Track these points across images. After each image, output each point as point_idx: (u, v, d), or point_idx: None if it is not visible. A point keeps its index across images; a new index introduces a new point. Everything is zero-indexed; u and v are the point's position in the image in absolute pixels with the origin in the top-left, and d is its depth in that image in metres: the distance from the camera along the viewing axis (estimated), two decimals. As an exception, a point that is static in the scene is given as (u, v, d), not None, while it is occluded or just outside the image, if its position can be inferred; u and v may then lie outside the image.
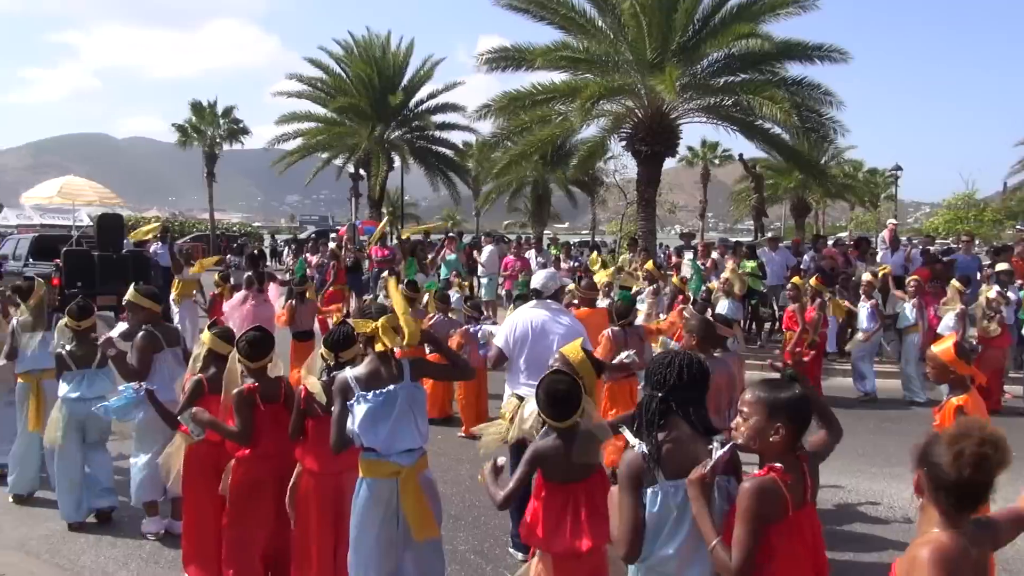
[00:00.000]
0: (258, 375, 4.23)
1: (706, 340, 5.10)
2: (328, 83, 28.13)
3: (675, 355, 2.81)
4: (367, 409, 3.62)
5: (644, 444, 2.66)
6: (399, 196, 36.58)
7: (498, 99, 16.46)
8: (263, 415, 4.15)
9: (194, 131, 34.55)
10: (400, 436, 3.69)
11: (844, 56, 15.40)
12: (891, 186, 51.64)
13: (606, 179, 31.88)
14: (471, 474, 6.84)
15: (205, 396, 4.44)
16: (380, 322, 3.67)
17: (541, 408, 3.36)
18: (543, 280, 5.73)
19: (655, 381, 2.76)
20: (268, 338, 4.28)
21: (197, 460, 4.47)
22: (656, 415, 2.70)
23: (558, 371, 3.47)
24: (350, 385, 3.67)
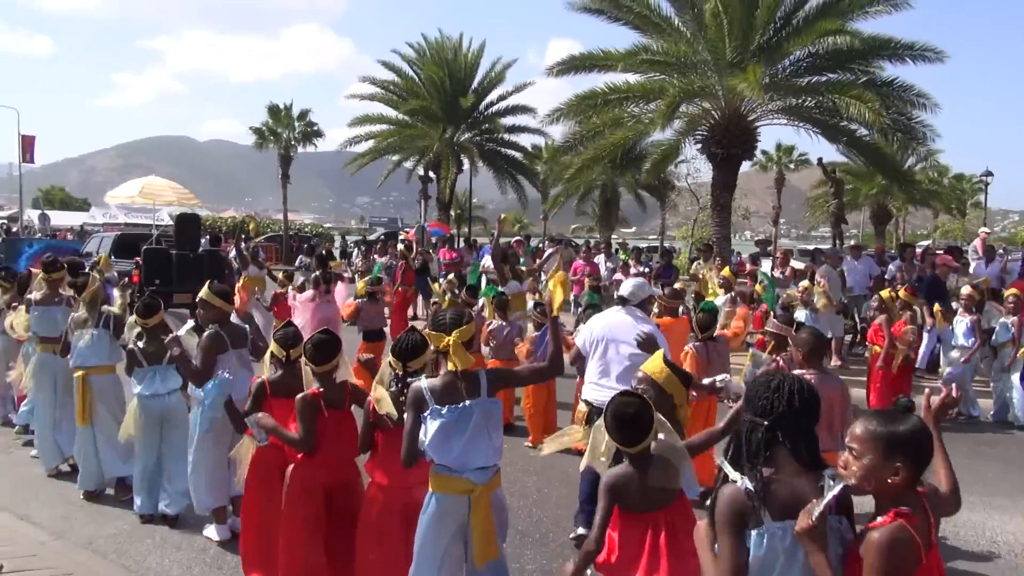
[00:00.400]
0: (323, 379, 4.08)
1: (814, 354, 4.77)
2: (400, 86, 28.39)
3: (783, 378, 2.48)
4: (440, 424, 3.44)
5: (748, 480, 2.35)
6: (467, 198, 36.64)
7: (570, 101, 16.18)
8: (327, 421, 4.01)
9: (271, 133, 35.41)
10: (474, 453, 3.50)
11: (939, 55, 14.56)
12: (978, 193, 49.38)
13: (677, 183, 31.28)
14: (538, 487, 6.62)
15: (268, 399, 4.34)
16: (452, 338, 3.47)
17: (610, 433, 3.13)
18: (632, 288, 5.66)
19: (760, 407, 2.41)
20: (334, 341, 4.14)
21: (263, 463, 4.36)
22: (762, 447, 2.38)
23: (627, 392, 3.23)
24: (424, 397, 3.48)
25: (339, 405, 4.09)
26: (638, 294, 5.61)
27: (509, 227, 12.61)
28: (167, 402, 5.47)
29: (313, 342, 4.08)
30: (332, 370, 4.12)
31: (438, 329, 3.54)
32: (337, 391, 4.12)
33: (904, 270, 13.77)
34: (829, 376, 4.73)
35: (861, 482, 2.21)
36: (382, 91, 28.56)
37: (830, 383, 4.68)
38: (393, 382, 3.78)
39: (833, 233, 26.97)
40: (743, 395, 2.57)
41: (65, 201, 72.57)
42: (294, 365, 4.39)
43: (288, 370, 4.41)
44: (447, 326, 3.52)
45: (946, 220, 49.60)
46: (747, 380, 4.66)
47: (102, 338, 5.96)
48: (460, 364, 3.45)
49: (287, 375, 4.40)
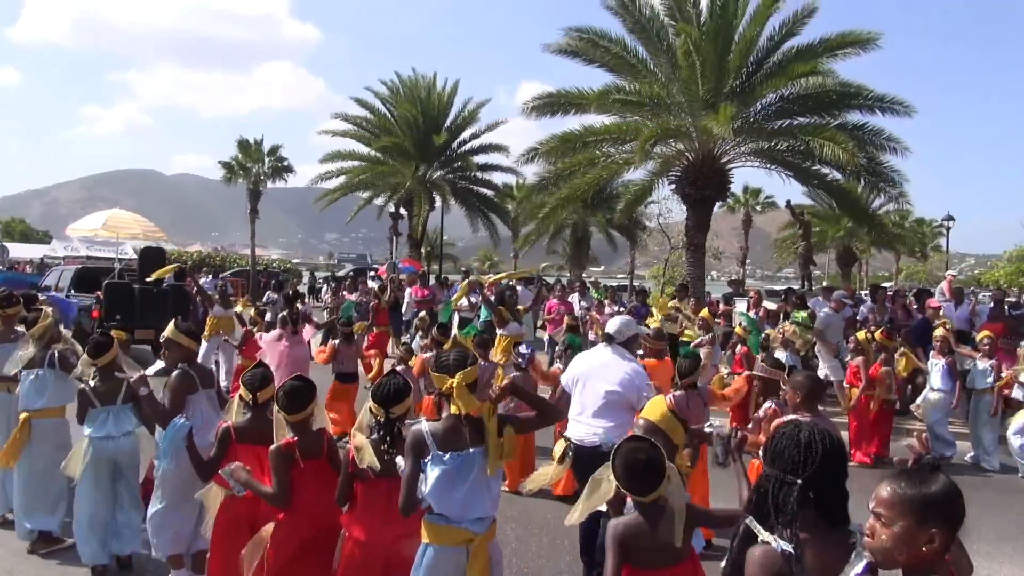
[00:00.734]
0: (298, 428, 3.83)
1: (810, 398, 4.65)
2: (373, 122, 28.35)
3: (810, 431, 2.30)
4: (442, 471, 3.23)
5: (783, 542, 2.17)
6: (438, 236, 36.50)
7: (546, 142, 16.22)
8: (303, 473, 3.75)
9: (240, 168, 34.98)
10: (475, 502, 3.30)
11: (907, 109, 14.82)
12: (939, 236, 50.50)
13: (648, 223, 31.49)
14: (517, 535, 6.36)
15: (233, 445, 4.07)
16: (456, 380, 3.26)
17: (620, 481, 2.94)
18: (618, 325, 5.54)
19: (790, 464, 2.24)
20: (308, 388, 3.89)
21: (231, 514, 4.07)
22: (794, 506, 2.20)
23: (637, 437, 3.05)
24: (425, 442, 3.27)
25: (316, 455, 3.84)
26: (624, 332, 5.49)
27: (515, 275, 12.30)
28: (120, 445, 5.12)
29: (286, 389, 3.83)
30: (307, 418, 3.87)
31: (441, 370, 3.33)
32: (313, 440, 3.86)
33: (876, 311, 13.83)
34: (825, 420, 4.59)
35: (892, 552, 2.00)
36: (355, 127, 28.48)
37: (826, 427, 4.54)
38: (375, 429, 3.55)
39: (802, 274, 27.27)
40: (763, 449, 2.39)
41: (25, 233, 70.99)
42: (263, 409, 4.14)
43: (256, 414, 4.15)
44: (450, 368, 3.31)
45: (910, 263, 50.52)
46: (718, 459, 4.47)
47: (46, 378, 5.56)
48: (464, 408, 3.25)
49: (255, 419, 4.14)
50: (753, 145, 15.63)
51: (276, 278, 32.95)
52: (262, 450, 3.98)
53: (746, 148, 15.72)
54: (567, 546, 6.06)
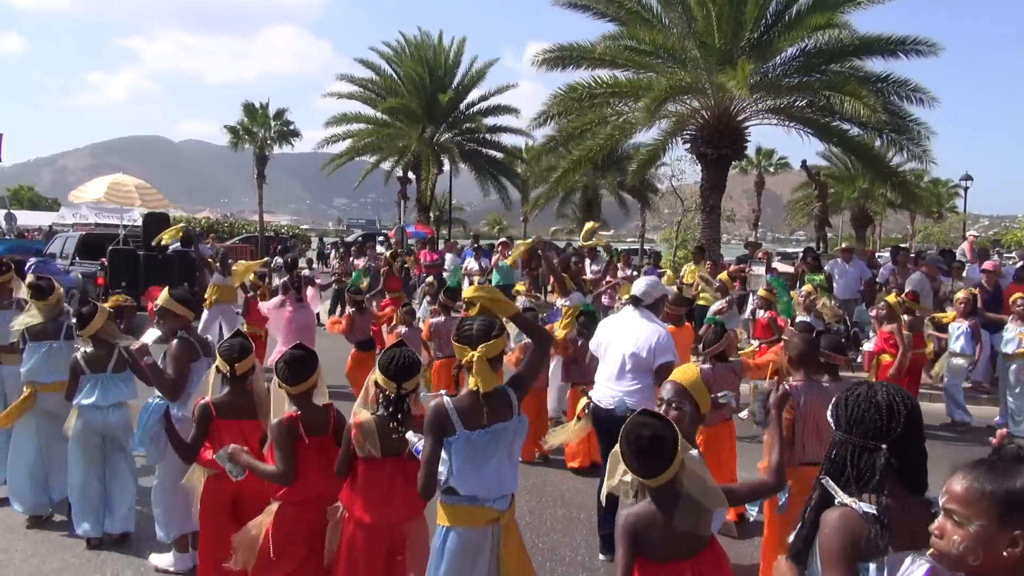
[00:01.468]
0: (301, 402, 3.54)
1: (804, 360, 4.34)
2: (378, 84, 27.75)
3: (887, 392, 2.16)
4: (472, 450, 2.99)
5: (864, 504, 2.03)
6: (446, 200, 36.08)
7: (556, 96, 15.71)
8: (307, 449, 3.47)
9: (246, 133, 34.70)
10: (502, 480, 3.08)
11: (933, 48, 14.20)
12: (954, 197, 49.63)
13: (660, 185, 30.94)
14: (531, 507, 6.12)
15: (214, 421, 3.81)
16: (478, 353, 2.97)
17: (625, 461, 2.58)
18: (645, 287, 5.28)
19: (873, 429, 2.11)
20: (310, 357, 3.60)
21: (214, 494, 3.83)
22: (878, 472, 2.08)
23: (645, 412, 2.66)
24: (450, 419, 2.99)
25: (321, 431, 3.55)
26: (652, 293, 5.24)
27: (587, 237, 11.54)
28: (108, 417, 4.85)
29: (286, 359, 3.54)
30: (310, 390, 3.59)
31: (462, 340, 3.05)
32: (318, 415, 3.58)
33: (897, 274, 13.44)
34: (818, 385, 4.33)
35: (965, 556, 1.72)
36: (360, 89, 27.91)
37: (817, 391, 4.27)
38: (382, 405, 3.27)
39: (817, 236, 26.78)
40: (831, 412, 2.24)
41: (34, 200, 70.98)
42: (242, 381, 3.88)
43: (236, 387, 3.88)
44: (473, 339, 3.02)
45: (926, 224, 49.73)
46: (756, 417, 4.17)
47: (61, 351, 5.26)
48: (483, 385, 2.97)
49: (235, 393, 3.88)
50: (771, 102, 15.11)
51: (284, 243, 32.71)
52: (246, 425, 3.73)
53: (763, 105, 15.20)
54: (583, 519, 5.83)
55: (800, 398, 4.19)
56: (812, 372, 4.39)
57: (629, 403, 5.02)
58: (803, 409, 4.17)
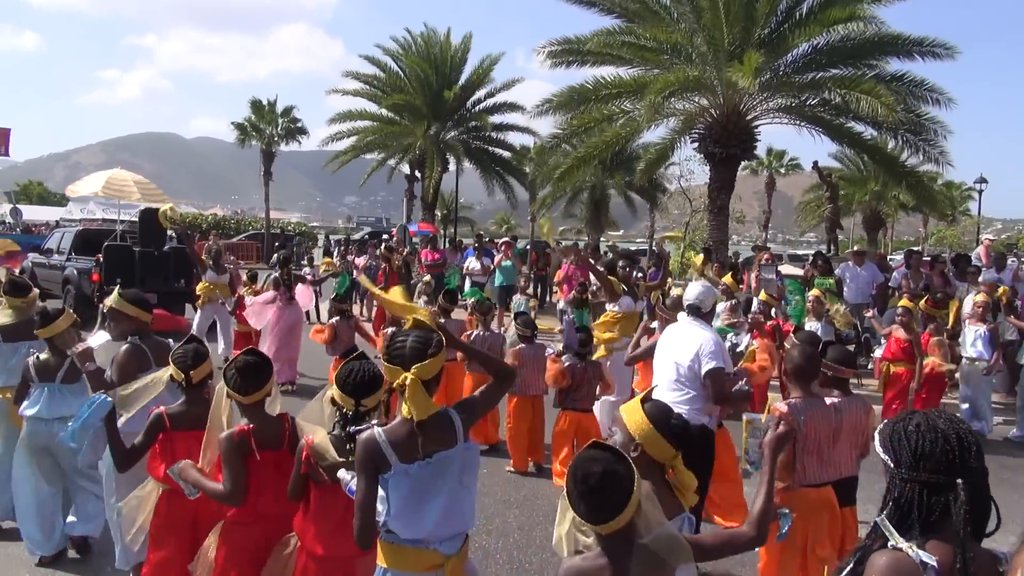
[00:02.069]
0: (253, 413, 3.23)
1: (801, 375, 4.01)
2: (384, 81, 27.45)
3: (949, 421, 1.85)
4: (410, 488, 2.58)
5: (924, 553, 1.75)
6: (453, 199, 35.82)
7: (559, 94, 15.37)
8: (260, 466, 3.16)
9: (253, 129, 34.74)
10: (450, 518, 2.64)
11: (950, 51, 13.74)
12: (967, 200, 48.94)
13: (668, 185, 30.55)
14: (520, 523, 5.78)
15: (167, 432, 3.50)
16: (411, 375, 2.55)
17: (572, 503, 2.16)
18: (700, 295, 5.10)
19: (946, 463, 1.80)
20: (263, 364, 3.30)
21: (170, 514, 3.51)
22: (963, 513, 1.75)
23: (596, 444, 2.24)
24: (383, 452, 2.57)
25: (276, 444, 3.24)
26: (707, 302, 5.11)
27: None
28: (54, 430, 4.43)
29: (238, 366, 3.22)
30: (263, 400, 3.28)
31: (394, 360, 2.60)
32: (271, 427, 3.27)
33: (910, 278, 13.04)
34: (819, 401, 4.00)
35: None
36: (365, 86, 27.61)
37: (819, 409, 3.95)
38: (339, 424, 2.94)
39: (828, 238, 26.35)
40: (883, 448, 1.90)
41: (43, 196, 71.16)
42: (199, 390, 3.56)
43: (192, 396, 3.57)
44: (406, 358, 2.59)
45: (939, 227, 49.08)
46: (749, 457, 3.81)
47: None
48: (417, 412, 2.53)
49: (191, 402, 3.56)
50: (782, 100, 14.70)
51: (289, 240, 32.50)
52: (202, 436, 3.40)
53: (774, 104, 14.80)
54: (575, 537, 5.50)
55: (800, 416, 3.86)
56: (813, 387, 4.05)
57: (683, 413, 4.84)
58: (803, 429, 3.85)
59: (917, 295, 11.41)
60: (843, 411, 4.04)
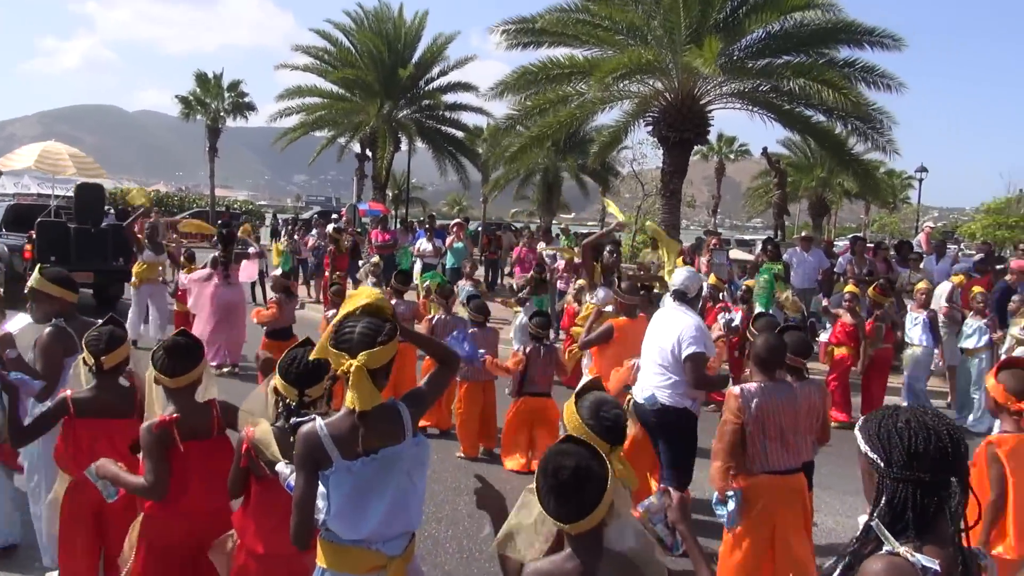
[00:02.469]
0: (180, 398, 3.03)
1: (763, 365, 4.00)
2: (335, 56, 26.80)
3: (935, 416, 1.79)
4: (353, 485, 2.40)
5: (923, 557, 1.66)
6: (405, 179, 35.33)
7: (514, 74, 15.16)
8: (184, 457, 2.96)
9: (199, 103, 33.67)
10: (396, 517, 2.47)
11: (898, 43, 13.95)
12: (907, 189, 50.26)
13: (620, 169, 30.63)
14: (470, 511, 5.66)
15: (72, 419, 3.29)
16: (356, 362, 2.35)
17: (541, 499, 2.05)
18: (686, 280, 5.19)
19: (941, 461, 1.72)
20: (194, 346, 3.11)
21: (73, 503, 3.31)
22: (958, 511, 1.71)
23: (570, 438, 2.16)
24: (323, 447, 2.39)
25: (204, 433, 3.05)
26: (692, 287, 5.19)
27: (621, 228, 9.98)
28: None
29: (166, 346, 3.03)
30: (192, 385, 3.08)
31: (340, 345, 2.41)
32: (200, 415, 3.07)
33: (855, 264, 13.29)
34: (783, 385, 4.01)
35: None
36: (315, 61, 26.92)
37: (782, 393, 3.95)
38: (281, 415, 2.77)
39: (776, 224, 26.80)
40: (869, 447, 1.81)
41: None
42: (113, 375, 3.35)
43: (104, 382, 3.36)
44: (353, 343, 2.39)
45: (881, 215, 50.33)
46: (666, 543, 3.80)
47: None
48: (359, 403, 2.34)
49: (101, 389, 3.35)
50: (735, 85, 14.74)
51: (235, 218, 31.69)
52: (113, 425, 3.20)
53: (728, 89, 14.83)
54: (526, 524, 5.42)
55: (752, 400, 3.83)
56: (777, 373, 4.03)
57: (660, 398, 4.93)
58: (755, 413, 3.82)
59: (861, 280, 11.72)
60: (798, 395, 4.02)
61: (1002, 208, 23.92)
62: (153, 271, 9.81)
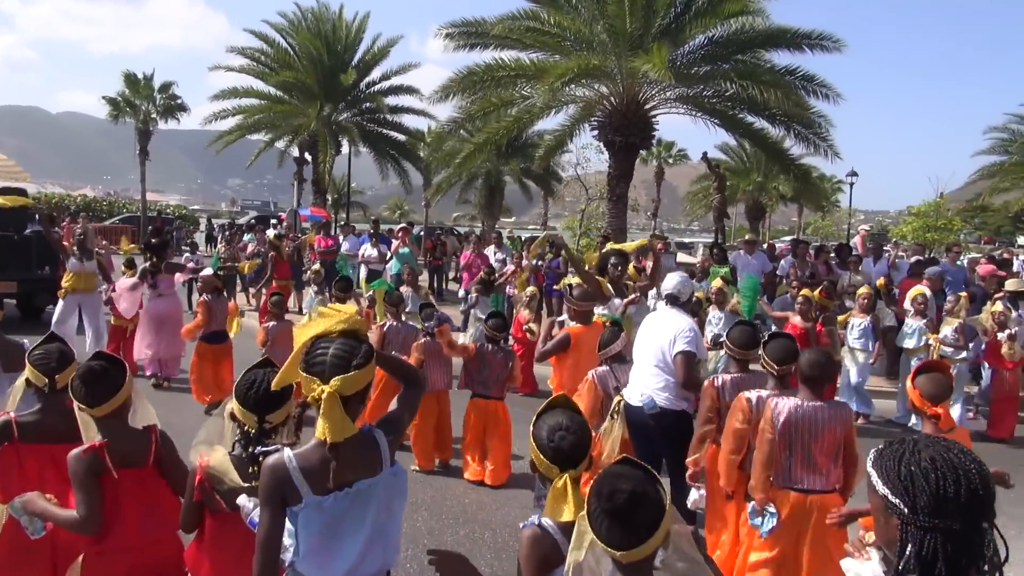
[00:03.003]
0: (109, 426, 2.78)
1: (814, 381, 4.02)
2: (273, 57, 26.14)
3: (960, 451, 1.56)
4: (324, 523, 2.19)
5: None
6: (345, 183, 34.76)
7: (458, 76, 14.99)
8: (118, 486, 2.72)
9: (127, 105, 32.43)
10: (372, 555, 2.26)
11: (837, 44, 14.26)
12: (837, 192, 51.90)
13: (563, 172, 30.75)
14: (429, 527, 5.48)
15: (15, 444, 3.01)
16: (329, 388, 2.14)
17: (592, 524, 1.88)
18: (678, 285, 5.27)
19: (976, 506, 1.51)
20: (113, 369, 2.85)
21: (13, 538, 3.02)
22: (993, 565, 1.51)
23: (626, 459, 2.00)
24: (292, 481, 2.17)
25: (138, 461, 2.81)
26: (685, 292, 5.29)
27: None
28: None
29: (80, 374, 2.77)
30: (120, 410, 2.83)
31: (312, 369, 2.18)
32: (133, 441, 2.83)
33: (797, 266, 13.53)
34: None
35: None
36: (251, 63, 26.20)
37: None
38: (239, 443, 2.55)
39: (716, 227, 27.21)
40: (885, 486, 1.59)
41: None
42: (60, 397, 3.06)
43: (51, 404, 3.08)
44: (326, 367, 2.17)
45: (816, 217, 51.79)
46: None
47: None
48: (331, 434, 2.13)
49: (48, 411, 3.08)
50: (679, 91, 14.89)
51: (168, 223, 30.71)
52: (59, 450, 2.92)
53: (672, 94, 14.97)
54: (487, 540, 5.25)
55: (781, 416, 3.88)
56: (816, 391, 3.98)
57: (659, 401, 4.89)
58: (782, 428, 3.86)
59: (804, 283, 11.92)
60: (828, 417, 3.95)
61: (931, 211, 24.81)
62: (85, 281, 9.26)
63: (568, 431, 2.35)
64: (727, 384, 4.62)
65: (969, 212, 33.80)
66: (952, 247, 14.00)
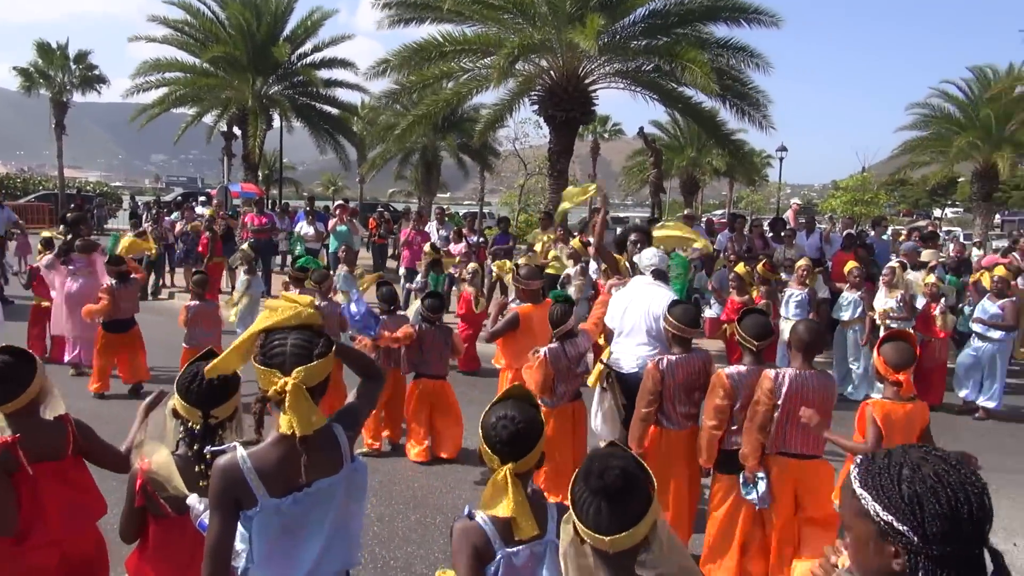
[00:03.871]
0: (19, 421, 2.60)
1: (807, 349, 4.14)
2: (199, 28, 25.02)
3: (957, 473, 1.37)
4: (282, 526, 2.06)
5: None
6: (276, 158, 33.76)
7: (399, 51, 14.60)
8: (33, 482, 2.54)
9: (41, 76, 30.75)
10: (331, 556, 2.14)
11: (774, 19, 14.37)
12: (765, 167, 53.18)
13: (500, 147, 30.52)
14: (379, 513, 5.35)
15: None
16: (292, 379, 2.00)
17: (576, 509, 1.80)
18: (657, 259, 5.54)
19: (978, 530, 1.35)
20: (20, 364, 2.66)
21: None
22: None
23: (613, 444, 1.94)
24: (247, 483, 2.03)
25: (55, 453, 2.64)
26: (661, 266, 5.53)
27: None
28: None
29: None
30: (30, 405, 2.65)
31: (271, 362, 2.05)
32: (48, 434, 2.66)
33: (735, 240, 13.74)
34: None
35: None
36: (175, 33, 25.02)
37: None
38: (184, 442, 2.38)
39: (652, 202, 27.46)
40: (888, 513, 1.38)
41: None
42: None
43: None
44: (286, 358, 2.05)
45: (747, 191, 52.90)
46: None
47: None
48: (299, 427, 1.99)
49: None
50: (618, 65, 14.84)
51: (88, 201, 29.38)
52: None
53: (611, 68, 14.91)
54: (439, 524, 5.16)
55: (783, 386, 4.02)
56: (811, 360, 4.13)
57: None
58: (785, 397, 4.01)
59: (742, 257, 12.13)
60: (825, 385, 4.15)
61: (858, 185, 25.55)
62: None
63: (512, 421, 2.26)
64: (671, 364, 4.59)
65: (891, 185, 35.01)
66: (879, 221, 14.43)
